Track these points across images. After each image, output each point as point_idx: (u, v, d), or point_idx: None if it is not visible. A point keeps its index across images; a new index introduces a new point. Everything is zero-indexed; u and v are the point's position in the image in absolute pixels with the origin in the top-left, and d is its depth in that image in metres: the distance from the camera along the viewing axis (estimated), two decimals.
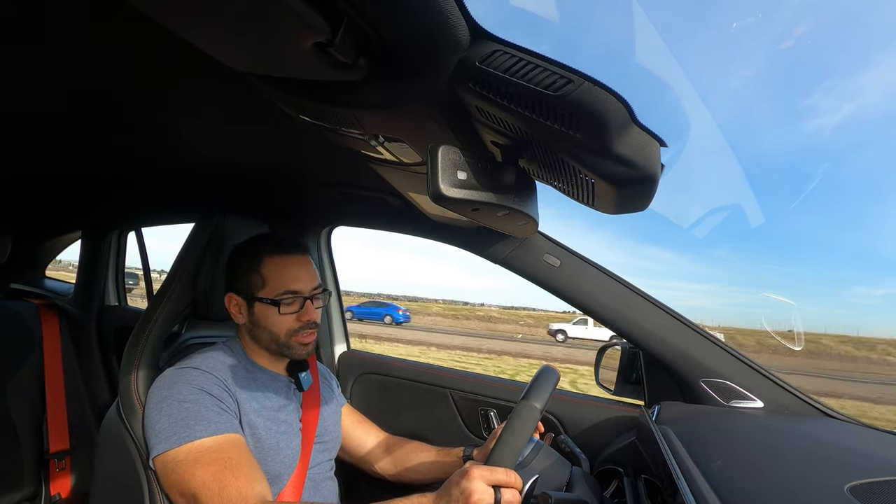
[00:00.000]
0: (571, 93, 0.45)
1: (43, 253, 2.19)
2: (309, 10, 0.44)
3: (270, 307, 0.93)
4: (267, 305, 0.94)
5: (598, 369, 1.24)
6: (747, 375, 1.00)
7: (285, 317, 0.94)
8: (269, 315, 0.94)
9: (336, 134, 0.75)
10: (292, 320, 0.95)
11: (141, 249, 1.99)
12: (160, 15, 0.47)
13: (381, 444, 1.17)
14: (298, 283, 0.95)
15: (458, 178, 0.52)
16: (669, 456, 0.69)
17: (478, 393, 1.32)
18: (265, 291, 0.94)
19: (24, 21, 0.61)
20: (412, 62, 0.53)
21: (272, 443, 0.91)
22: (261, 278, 0.94)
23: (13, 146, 1.15)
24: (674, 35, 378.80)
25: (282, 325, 0.94)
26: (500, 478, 0.69)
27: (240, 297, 0.97)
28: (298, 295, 0.95)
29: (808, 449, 0.75)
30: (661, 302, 1.06)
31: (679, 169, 30.01)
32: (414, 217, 1.20)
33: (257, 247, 0.98)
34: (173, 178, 1.32)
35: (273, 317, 0.94)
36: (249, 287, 0.95)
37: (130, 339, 0.99)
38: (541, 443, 0.89)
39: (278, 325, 0.94)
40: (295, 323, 0.95)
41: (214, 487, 0.76)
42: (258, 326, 0.96)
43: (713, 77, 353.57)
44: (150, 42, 0.64)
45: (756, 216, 74.02)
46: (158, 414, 0.84)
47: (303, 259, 0.99)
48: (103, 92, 0.82)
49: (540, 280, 1.11)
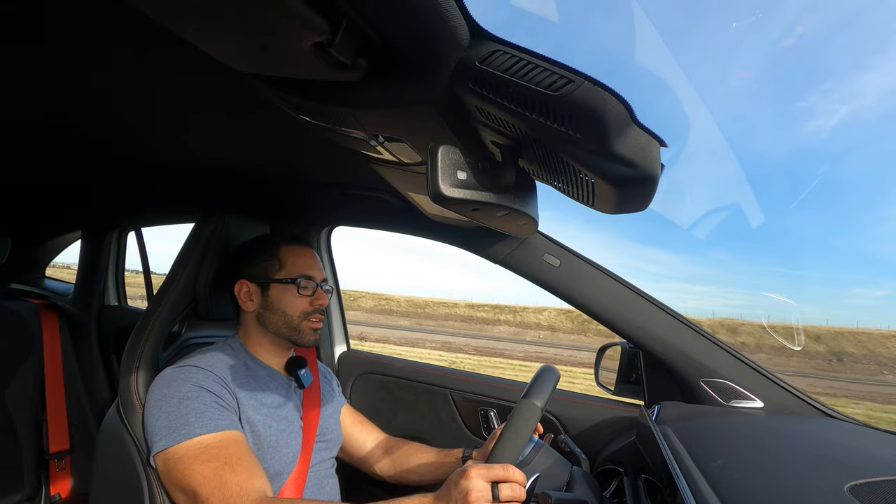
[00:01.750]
0: (571, 93, 0.45)
1: (43, 253, 2.18)
2: (309, 10, 0.44)
3: (289, 287, 0.98)
4: (285, 286, 0.99)
5: (598, 369, 1.24)
6: (747, 375, 1.00)
7: (301, 299, 0.99)
8: (284, 296, 0.99)
9: (336, 134, 0.75)
10: (306, 303, 0.99)
11: (141, 249, 1.99)
12: (160, 15, 0.47)
13: (380, 445, 1.18)
14: (312, 270, 1.02)
15: (458, 178, 0.52)
16: (669, 456, 0.69)
17: (478, 393, 1.32)
18: (283, 273, 0.99)
19: (24, 21, 0.61)
20: (412, 62, 0.53)
21: (272, 440, 0.91)
22: (279, 262, 1.00)
23: (13, 146, 1.15)
24: (674, 35, 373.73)
25: (296, 307, 0.99)
26: (498, 473, 0.70)
27: (253, 283, 1.00)
28: (312, 280, 1.01)
29: (808, 449, 0.75)
30: (660, 302, 1.06)
31: (679, 169, 29.67)
32: (414, 217, 1.20)
33: (272, 237, 1.06)
34: (173, 178, 1.32)
35: (289, 297, 0.98)
36: (265, 271, 1.00)
37: (130, 339, 0.99)
38: (541, 442, 0.89)
39: (293, 305, 0.98)
40: (308, 306, 1.00)
41: (215, 483, 0.77)
42: (271, 309, 0.99)
43: (713, 77, 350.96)
44: (150, 42, 0.64)
45: (756, 216, 74.04)
46: (158, 411, 0.84)
47: (313, 252, 1.06)
48: (103, 92, 0.82)
49: (540, 280, 1.11)
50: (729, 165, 23.67)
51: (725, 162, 36.11)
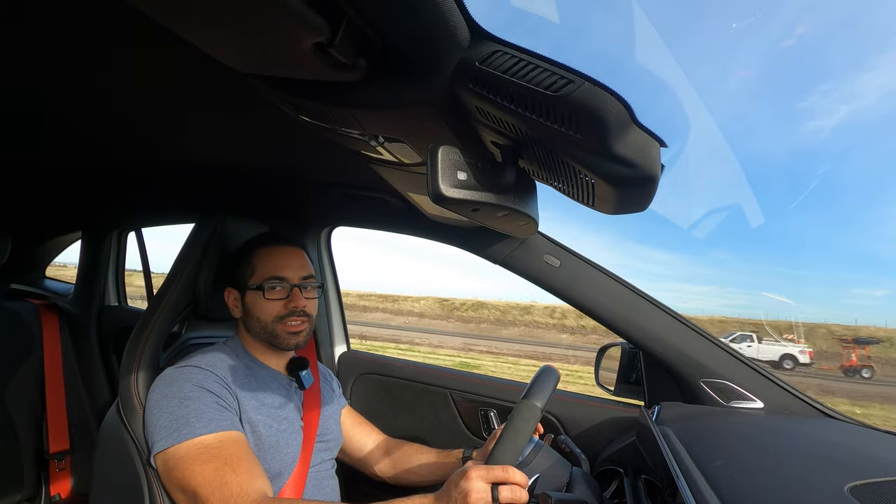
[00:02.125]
0: (571, 93, 0.45)
1: (43, 253, 2.18)
2: (309, 11, 0.44)
3: (257, 293, 0.96)
4: (254, 292, 0.96)
5: (598, 370, 1.24)
6: (747, 376, 1.00)
7: (271, 303, 0.96)
8: (256, 302, 0.97)
9: (336, 134, 0.75)
10: (279, 306, 0.96)
11: (141, 249, 1.99)
12: (160, 15, 0.47)
13: (380, 446, 1.18)
14: (285, 271, 0.97)
15: (458, 179, 0.52)
16: (669, 456, 0.69)
17: (478, 393, 1.32)
18: (253, 279, 0.97)
19: (24, 21, 0.61)
20: (412, 63, 0.53)
21: (272, 440, 0.91)
22: (250, 268, 0.98)
23: (13, 146, 1.15)
24: (673, 35, 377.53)
25: (268, 312, 0.96)
26: (498, 474, 0.70)
27: (234, 290, 1.00)
28: (285, 281, 0.97)
29: (808, 449, 0.75)
30: (661, 302, 1.06)
31: (680, 168, 29.41)
32: (414, 217, 1.20)
33: (250, 241, 1.03)
34: (173, 178, 1.32)
35: (260, 303, 0.96)
36: (242, 278, 0.99)
37: (130, 339, 0.99)
38: (541, 443, 0.89)
39: (265, 311, 0.96)
40: (282, 310, 0.96)
41: (215, 483, 0.77)
42: (249, 316, 0.98)
43: (713, 77, 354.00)
44: (149, 42, 0.64)
45: (756, 216, 74.18)
46: (159, 412, 0.84)
47: (293, 250, 1.01)
48: (103, 92, 0.82)
49: (540, 280, 1.11)
50: (729, 165, 23.61)
51: (725, 162, 35.51)
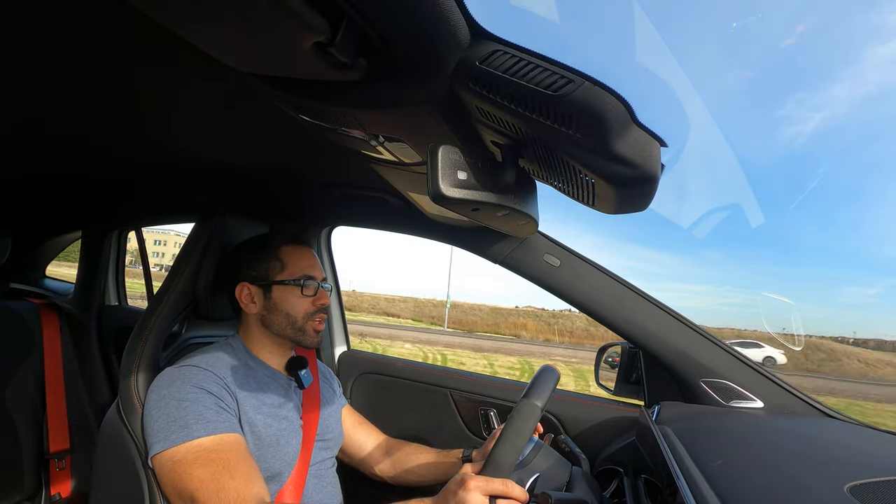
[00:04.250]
0: (572, 93, 0.45)
1: (43, 253, 2.18)
2: (309, 10, 0.44)
3: (292, 288, 0.98)
4: (288, 287, 0.98)
5: (598, 369, 1.24)
6: (747, 375, 1.00)
7: (304, 299, 0.98)
8: (288, 297, 0.98)
9: (336, 134, 0.75)
10: (309, 303, 0.99)
11: (141, 249, 1.99)
12: (160, 15, 0.47)
13: (380, 446, 1.18)
14: (314, 270, 1.01)
15: (458, 178, 0.52)
16: (669, 456, 0.69)
17: (478, 393, 1.32)
18: (285, 274, 0.98)
19: (24, 21, 0.61)
20: (412, 62, 0.53)
21: (272, 439, 0.91)
22: (280, 263, 0.99)
23: (13, 147, 1.15)
24: (674, 34, 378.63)
25: (300, 308, 0.98)
26: (497, 488, 0.68)
27: (254, 286, 0.99)
28: (314, 280, 1.00)
29: (808, 449, 0.75)
30: (661, 302, 1.06)
31: (680, 168, 29.32)
32: (414, 217, 1.20)
33: (272, 237, 1.04)
34: (173, 177, 1.32)
35: (292, 298, 0.98)
36: (267, 272, 0.99)
37: (130, 339, 0.99)
38: (541, 442, 0.89)
39: (297, 306, 0.98)
40: (311, 307, 0.99)
41: (212, 487, 0.76)
42: (275, 311, 0.98)
43: (713, 77, 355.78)
44: (149, 42, 0.64)
45: (756, 216, 73.97)
46: (157, 413, 0.84)
47: (314, 253, 1.06)
48: (103, 91, 0.82)
49: (540, 280, 1.11)
50: (729, 165, 23.64)
51: (725, 162, 35.38)
